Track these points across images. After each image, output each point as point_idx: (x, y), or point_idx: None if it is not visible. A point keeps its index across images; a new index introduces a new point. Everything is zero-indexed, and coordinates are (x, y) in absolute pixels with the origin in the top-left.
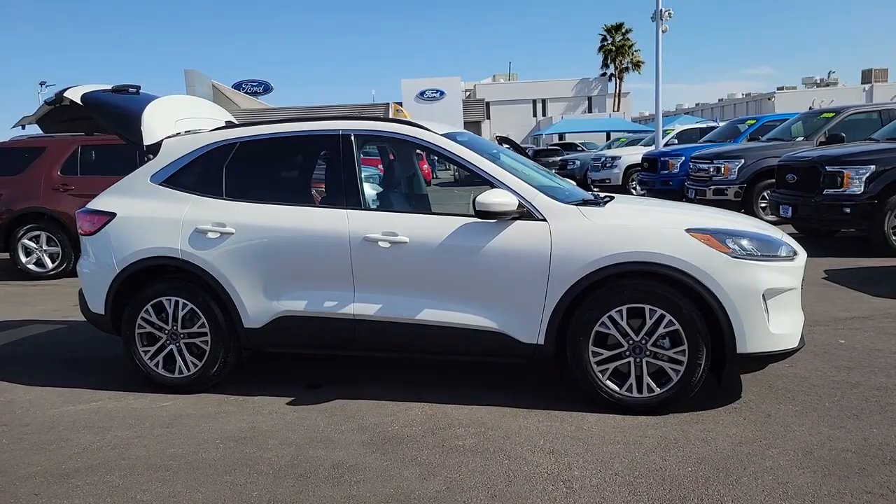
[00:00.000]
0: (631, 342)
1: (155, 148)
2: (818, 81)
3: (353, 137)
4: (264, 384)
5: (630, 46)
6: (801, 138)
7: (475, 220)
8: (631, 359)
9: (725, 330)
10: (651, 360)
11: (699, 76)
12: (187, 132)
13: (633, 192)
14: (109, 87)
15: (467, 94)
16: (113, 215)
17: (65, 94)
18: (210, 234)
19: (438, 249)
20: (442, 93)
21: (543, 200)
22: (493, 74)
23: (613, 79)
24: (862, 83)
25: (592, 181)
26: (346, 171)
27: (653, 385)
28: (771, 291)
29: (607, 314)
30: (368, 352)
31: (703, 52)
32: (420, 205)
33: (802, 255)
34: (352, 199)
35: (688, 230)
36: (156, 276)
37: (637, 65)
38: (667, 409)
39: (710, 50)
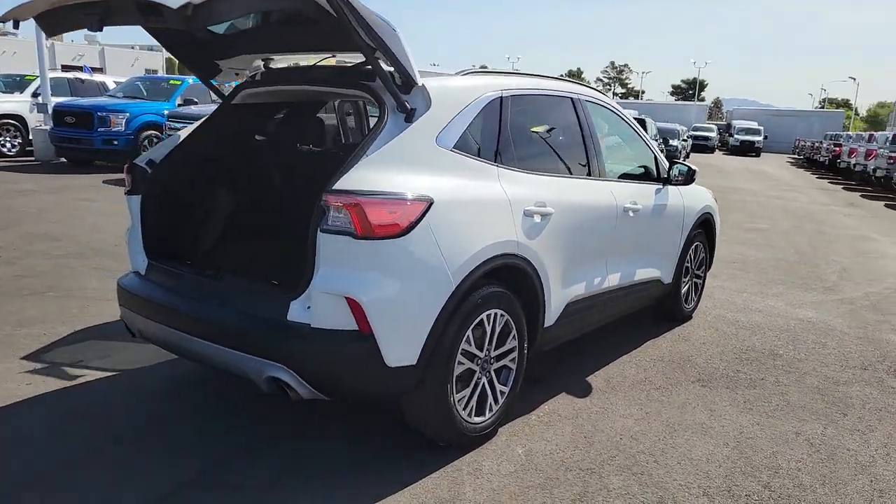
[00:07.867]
0: (695, 268)
1: (420, 92)
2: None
3: (584, 102)
4: None
5: None
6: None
7: (656, 185)
8: (692, 280)
9: (713, 250)
10: (695, 280)
11: None
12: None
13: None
14: None
15: None
16: (430, 201)
17: None
18: (536, 218)
19: (651, 213)
20: None
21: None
22: None
23: None
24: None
25: None
26: (593, 139)
27: (695, 298)
28: None
29: (689, 250)
30: (595, 326)
31: None
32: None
33: None
34: (600, 169)
35: (707, 190)
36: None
37: None
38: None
39: None
